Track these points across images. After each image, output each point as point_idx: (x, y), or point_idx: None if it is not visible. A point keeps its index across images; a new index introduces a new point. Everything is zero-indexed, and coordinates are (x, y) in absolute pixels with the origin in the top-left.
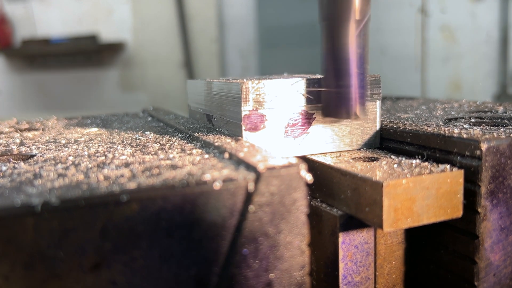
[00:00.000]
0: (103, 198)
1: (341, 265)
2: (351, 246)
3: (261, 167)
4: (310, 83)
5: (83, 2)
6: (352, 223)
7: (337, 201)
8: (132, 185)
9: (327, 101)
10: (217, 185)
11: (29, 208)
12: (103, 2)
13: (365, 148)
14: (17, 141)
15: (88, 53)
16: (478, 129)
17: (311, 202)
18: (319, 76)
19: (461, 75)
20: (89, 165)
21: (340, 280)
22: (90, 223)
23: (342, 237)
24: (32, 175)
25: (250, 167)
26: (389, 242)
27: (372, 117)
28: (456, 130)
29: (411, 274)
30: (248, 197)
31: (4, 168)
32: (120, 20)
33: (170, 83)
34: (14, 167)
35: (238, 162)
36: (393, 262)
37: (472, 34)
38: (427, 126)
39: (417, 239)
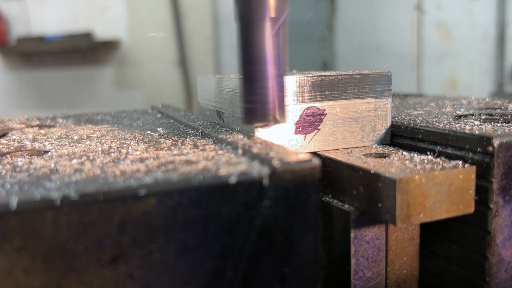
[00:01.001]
0: (121, 192)
1: (352, 261)
2: (363, 242)
3: (275, 162)
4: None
5: (78, 0)
6: (364, 219)
7: (349, 197)
8: (149, 180)
9: (245, 105)
10: (232, 180)
11: (48, 202)
12: (98, 0)
13: (376, 145)
14: (30, 137)
15: (83, 50)
16: (489, 126)
17: (322, 198)
18: (332, 73)
19: (458, 73)
20: (104, 161)
21: (352, 276)
22: (108, 217)
23: (353, 233)
24: (49, 170)
25: (264, 163)
26: (400, 238)
27: (383, 114)
28: (467, 127)
29: (423, 270)
30: (263, 192)
31: (20, 163)
32: (115, 17)
33: (165, 81)
34: (30, 162)
35: (252, 157)
36: (404, 258)
37: (468, 32)
38: (438, 123)
39: (429, 235)
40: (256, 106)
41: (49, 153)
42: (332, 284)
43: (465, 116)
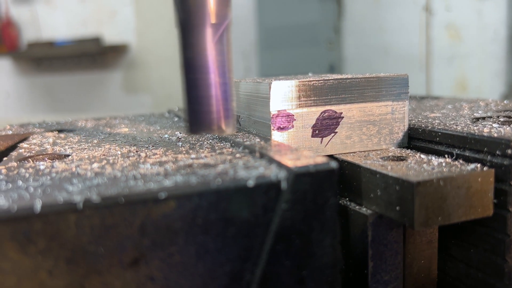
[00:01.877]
0: (141, 195)
1: (370, 264)
2: (381, 245)
3: (293, 165)
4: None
5: (87, 5)
6: (381, 222)
7: (366, 200)
8: (169, 183)
9: (189, 115)
10: (251, 183)
11: (71, 205)
12: (107, 4)
13: (393, 147)
14: (50, 140)
15: (92, 55)
16: (508, 128)
17: (340, 201)
18: (344, 76)
19: (467, 74)
20: (124, 164)
21: (369, 279)
22: (129, 220)
23: (371, 236)
24: (70, 173)
25: (282, 166)
26: (418, 241)
27: (400, 117)
28: (486, 129)
29: (441, 273)
30: (281, 195)
31: (42, 167)
32: (124, 22)
33: (173, 85)
34: (52, 166)
35: (270, 161)
36: (422, 261)
37: (478, 33)
38: (456, 126)
39: (447, 238)
40: (199, 116)
41: (70, 157)
42: (350, 287)
43: (483, 118)
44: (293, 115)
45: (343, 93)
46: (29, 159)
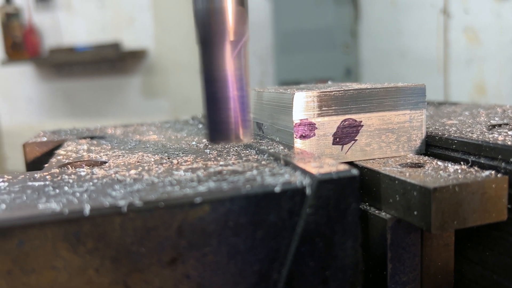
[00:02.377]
0: (179, 200)
1: (389, 266)
2: (399, 248)
3: (317, 172)
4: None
5: (107, 11)
6: (400, 226)
7: (385, 205)
8: (203, 189)
9: (208, 125)
10: (277, 189)
11: (116, 209)
12: (126, 10)
13: (411, 154)
14: (85, 147)
15: (112, 60)
16: None
17: (360, 206)
18: (359, 85)
19: (486, 78)
20: (159, 170)
21: (388, 280)
22: (168, 222)
23: (390, 239)
24: (110, 179)
25: (306, 173)
26: (435, 244)
27: (418, 125)
28: (500, 137)
29: (458, 276)
30: (305, 201)
31: (83, 173)
32: (142, 28)
33: (190, 90)
34: (92, 173)
35: (294, 168)
36: (439, 263)
37: (497, 35)
38: (472, 133)
39: (463, 241)
40: (218, 126)
41: (107, 163)
42: (370, 287)
43: (499, 125)
44: (315, 124)
45: (363, 102)
46: (69, 166)
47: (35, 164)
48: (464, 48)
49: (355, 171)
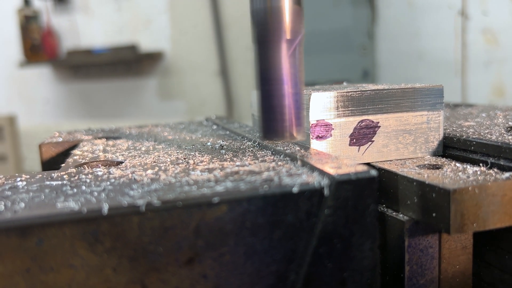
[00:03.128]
0: (197, 199)
1: (406, 268)
2: (417, 250)
3: (335, 173)
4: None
5: (124, 13)
6: (418, 228)
7: (403, 207)
8: (220, 189)
9: (263, 123)
10: (295, 190)
11: (134, 208)
12: (142, 13)
13: (428, 156)
14: (101, 148)
15: (128, 62)
16: None
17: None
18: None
19: (505, 80)
20: (176, 171)
21: (406, 282)
22: (186, 222)
23: (408, 241)
24: (127, 179)
25: (324, 174)
26: (453, 246)
27: (435, 126)
28: None
29: (476, 279)
30: (323, 201)
31: (100, 173)
32: (159, 30)
33: (206, 91)
34: (109, 173)
35: (312, 168)
36: (457, 266)
37: None
38: (491, 135)
39: (482, 245)
40: (273, 124)
41: (123, 164)
42: None
43: None
44: (332, 125)
45: (380, 103)
46: (85, 166)
47: (51, 164)
48: (482, 50)
49: (373, 172)
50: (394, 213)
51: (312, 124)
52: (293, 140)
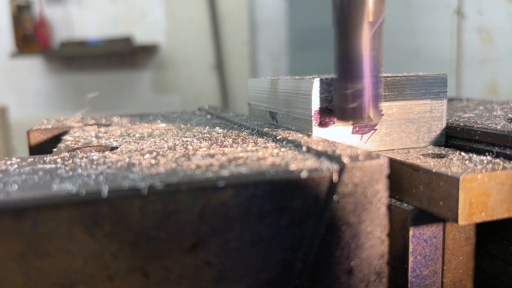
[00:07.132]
0: (202, 183)
1: (410, 258)
2: (421, 240)
3: (345, 159)
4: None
5: (119, 5)
6: (422, 217)
7: (408, 196)
8: (225, 173)
9: (340, 104)
10: (303, 175)
11: (136, 191)
12: (138, 5)
13: (431, 146)
14: (93, 134)
15: (123, 55)
16: None
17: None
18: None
19: (499, 78)
20: (175, 156)
21: (409, 273)
22: (190, 206)
23: (412, 231)
24: (125, 163)
25: (333, 159)
26: (457, 237)
27: (438, 115)
28: None
29: (478, 270)
30: (332, 187)
31: (95, 157)
32: (154, 22)
33: (201, 85)
34: (105, 157)
35: (318, 154)
36: (461, 257)
37: (511, 37)
38: (496, 124)
39: (485, 236)
40: (351, 105)
41: (118, 149)
42: (390, 280)
43: None
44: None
45: (384, 91)
46: (77, 151)
47: (40, 151)
48: (477, 49)
49: (384, 158)
50: (398, 203)
51: (314, 111)
52: (369, 122)
